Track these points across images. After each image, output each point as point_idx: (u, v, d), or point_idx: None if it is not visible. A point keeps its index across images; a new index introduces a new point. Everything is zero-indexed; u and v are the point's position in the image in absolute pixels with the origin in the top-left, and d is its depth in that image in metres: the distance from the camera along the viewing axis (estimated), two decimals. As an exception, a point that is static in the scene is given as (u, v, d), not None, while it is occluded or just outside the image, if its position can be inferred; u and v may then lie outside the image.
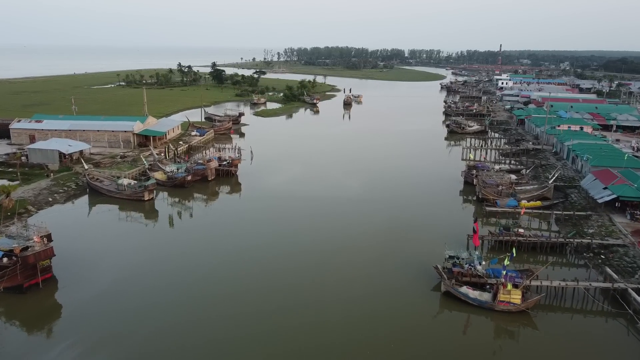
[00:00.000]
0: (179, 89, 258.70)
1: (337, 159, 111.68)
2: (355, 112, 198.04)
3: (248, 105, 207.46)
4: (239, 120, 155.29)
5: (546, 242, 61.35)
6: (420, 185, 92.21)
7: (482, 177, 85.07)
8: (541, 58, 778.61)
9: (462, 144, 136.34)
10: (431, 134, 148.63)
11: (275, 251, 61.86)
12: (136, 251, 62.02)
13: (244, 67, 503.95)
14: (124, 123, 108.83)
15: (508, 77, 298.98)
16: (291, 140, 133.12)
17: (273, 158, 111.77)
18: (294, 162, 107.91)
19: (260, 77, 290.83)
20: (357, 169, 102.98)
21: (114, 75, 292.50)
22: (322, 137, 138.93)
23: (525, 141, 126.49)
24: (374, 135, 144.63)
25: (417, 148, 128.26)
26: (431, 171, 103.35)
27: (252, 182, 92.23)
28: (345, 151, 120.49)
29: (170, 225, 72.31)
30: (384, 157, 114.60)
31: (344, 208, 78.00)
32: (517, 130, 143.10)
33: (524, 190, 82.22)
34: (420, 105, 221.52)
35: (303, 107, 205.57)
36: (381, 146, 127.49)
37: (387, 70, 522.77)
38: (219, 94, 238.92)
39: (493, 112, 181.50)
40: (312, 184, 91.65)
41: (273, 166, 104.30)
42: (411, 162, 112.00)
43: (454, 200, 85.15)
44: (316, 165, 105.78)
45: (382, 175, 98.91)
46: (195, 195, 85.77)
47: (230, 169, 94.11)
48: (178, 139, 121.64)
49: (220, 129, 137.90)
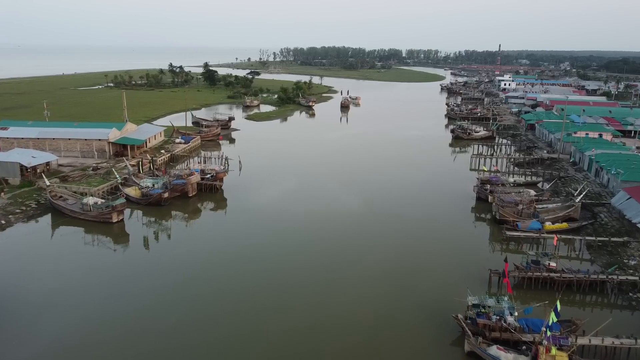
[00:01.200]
0: (169, 91, 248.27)
1: (335, 169, 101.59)
2: (353, 115, 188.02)
3: (241, 107, 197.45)
4: (229, 125, 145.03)
5: (584, 280, 51.35)
6: (427, 202, 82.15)
7: (499, 194, 75.05)
8: (540, 58, 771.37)
9: (469, 151, 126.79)
10: (435, 140, 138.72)
11: (263, 287, 51.89)
12: (100, 287, 51.99)
13: (239, 67, 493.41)
14: (98, 130, 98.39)
15: (511, 78, 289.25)
16: (285, 147, 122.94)
17: (264, 168, 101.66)
18: (287, 174, 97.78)
19: (254, 78, 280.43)
20: (356, 181, 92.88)
21: (104, 76, 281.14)
22: (318, 143, 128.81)
23: (538, 149, 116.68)
24: (373, 141, 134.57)
25: (421, 156, 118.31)
26: (438, 184, 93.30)
27: (239, 199, 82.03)
28: (343, 160, 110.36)
29: (142, 252, 62.29)
30: (386, 167, 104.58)
31: (342, 231, 67.94)
32: (527, 136, 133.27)
33: (547, 210, 72.35)
34: (421, 108, 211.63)
35: (298, 110, 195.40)
36: (382, 154, 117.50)
37: (385, 70, 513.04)
38: (211, 96, 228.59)
39: (498, 115, 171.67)
40: (307, 200, 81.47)
41: (264, 178, 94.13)
42: (415, 172, 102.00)
43: (466, 219, 75.11)
44: (311, 177, 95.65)
45: (384, 189, 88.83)
46: (173, 214, 75.57)
47: (214, 184, 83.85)
48: (160, 147, 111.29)
49: (208, 135, 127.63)
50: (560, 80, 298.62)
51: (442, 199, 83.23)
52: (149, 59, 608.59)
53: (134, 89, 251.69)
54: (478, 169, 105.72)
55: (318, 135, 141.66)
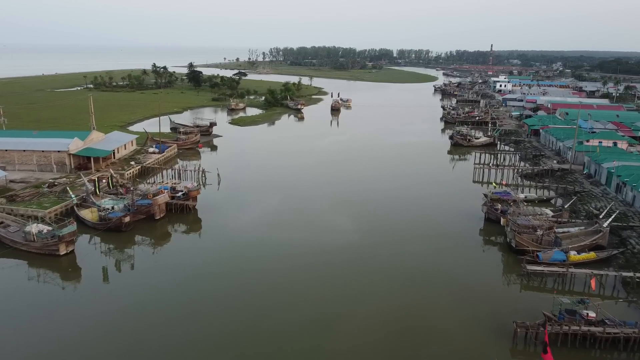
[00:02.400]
0: (151, 92, 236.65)
1: (325, 184, 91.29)
2: (344, 119, 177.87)
3: (226, 111, 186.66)
4: (210, 131, 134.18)
5: (632, 337, 41.48)
6: (428, 224, 72.04)
7: (512, 215, 65.15)
8: (531, 58, 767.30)
9: (469, 158, 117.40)
10: (432, 147, 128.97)
11: (240, 340, 41.54)
12: (41, 336, 41.57)
13: (227, 67, 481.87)
14: (57, 141, 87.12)
15: (506, 79, 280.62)
16: (270, 156, 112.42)
17: (246, 182, 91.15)
18: (271, 189, 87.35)
19: (241, 79, 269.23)
20: (349, 199, 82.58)
21: (83, 77, 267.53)
22: (307, 152, 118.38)
23: (545, 158, 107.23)
24: (366, 149, 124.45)
25: (418, 166, 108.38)
26: (439, 200, 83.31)
27: (215, 222, 71.39)
28: (333, 172, 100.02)
29: (96, 289, 51.95)
30: (381, 180, 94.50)
31: (334, 266, 57.54)
32: (532, 144, 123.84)
33: (569, 235, 62.60)
34: (415, 110, 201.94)
35: (286, 113, 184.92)
36: (376, 164, 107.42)
37: (376, 71, 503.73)
38: (194, 98, 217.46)
39: (498, 119, 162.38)
40: (294, 223, 71.02)
41: (245, 195, 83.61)
42: (414, 186, 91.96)
43: (475, 247, 65.10)
44: (299, 194, 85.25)
45: (380, 208, 78.66)
46: (137, 240, 65.04)
47: (187, 203, 73.17)
48: (131, 157, 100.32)
49: (186, 143, 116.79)
50: (557, 81, 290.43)
51: (446, 221, 73.18)
52: (137, 59, 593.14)
53: (114, 91, 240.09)
54: (482, 181, 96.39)
55: (307, 142, 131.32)
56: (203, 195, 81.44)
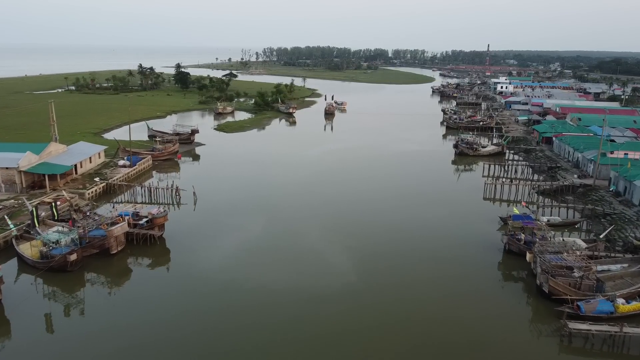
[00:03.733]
0: (135, 95, 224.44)
1: (316, 204, 79.89)
2: (338, 124, 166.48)
3: (213, 115, 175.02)
4: (192, 139, 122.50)
5: None
6: (438, 257, 60.74)
7: (540, 249, 54.00)
8: (527, 58, 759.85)
9: (475, 169, 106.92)
10: (435, 157, 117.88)
11: None
12: None
13: (219, 68, 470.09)
14: (5, 156, 75.10)
15: (507, 80, 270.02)
16: (256, 169, 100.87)
17: (227, 202, 79.64)
18: (254, 210, 75.93)
19: (231, 80, 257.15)
20: (344, 223, 71.25)
21: (71, 78, 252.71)
22: (297, 164, 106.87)
23: (562, 171, 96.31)
24: (363, 159, 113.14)
25: (422, 181, 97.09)
26: (448, 224, 72.10)
27: (184, 256, 59.65)
28: (326, 189, 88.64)
29: (30, 347, 40.41)
30: (379, 199, 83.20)
31: (326, 321, 46.27)
32: (544, 153, 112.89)
33: (611, 276, 51.59)
34: (414, 114, 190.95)
35: (277, 118, 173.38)
36: (374, 179, 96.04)
37: (372, 71, 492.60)
38: (181, 101, 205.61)
39: (503, 124, 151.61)
40: (278, 259, 59.42)
41: (224, 218, 72.08)
42: (416, 207, 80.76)
43: (496, 289, 53.82)
44: (286, 217, 73.77)
45: (380, 236, 67.24)
46: (86, 283, 53.53)
47: (150, 233, 61.59)
48: (96, 172, 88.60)
49: (163, 154, 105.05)
50: (559, 83, 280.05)
51: (458, 254, 61.86)
52: (128, 59, 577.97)
53: (96, 93, 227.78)
54: (494, 197, 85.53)
55: (297, 151, 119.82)
56: (176, 217, 70.50)
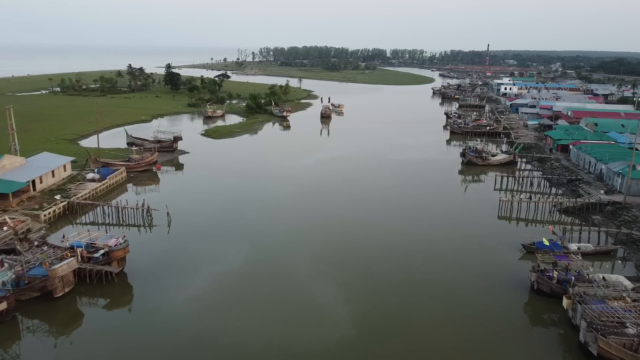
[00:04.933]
0: (122, 97, 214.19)
1: (307, 227, 69.67)
2: (335, 128, 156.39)
3: (202, 118, 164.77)
4: (175, 147, 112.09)
5: None
6: (449, 294, 50.79)
7: (582, 298, 43.83)
8: (527, 58, 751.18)
9: (485, 180, 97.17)
10: (440, 166, 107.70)
11: None
12: None
13: (214, 68, 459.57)
14: (-53, 172, 64.97)
15: (511, 81, 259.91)
16: (241, 183, 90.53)
17: (205, 224, 69.39)
18: (236, 235, 65.70)
19: (224, 81, 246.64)
20: (339, 252, 61.03)
21: (56, 79, 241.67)
22: (289, 175, 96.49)
23: (584, 184, 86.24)
24: (363, 170, 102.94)
25: (426, 196, 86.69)
26: (459, 254, 61.98)
27: (147, 300, 49.30)
28: (320, 208, 78.21)
29: None
30: (381, 221, 73.02)
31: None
32: (561, 163, 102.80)
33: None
34: (415, 117, 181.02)
35: (270, 122, 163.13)
36: (373, 194, 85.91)
37: (370, 71, 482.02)
38: (169, 104, 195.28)
39: (512, 129, 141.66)
40: (259, 302, 49.15)
41: (199, 245, 61.81)
42: (423, 230, 70.73)
43: (521, 341, 43.76)
44: (272, 244, 63.41)
45: (382, 270, 57.15)
46: (22, 336, 43.32)
47: (106, 270, 51.19)
48: (59, 188, 78.14)
49: (139, 165, 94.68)
50: (564, 84, 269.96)
51: (474, 290, 51.83)
52: (122, 60, 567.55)
53: (81, 95, 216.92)
54: (510, 216, 75.62)
55: (290, 160, 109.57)
56: (145, 243, 60.68)
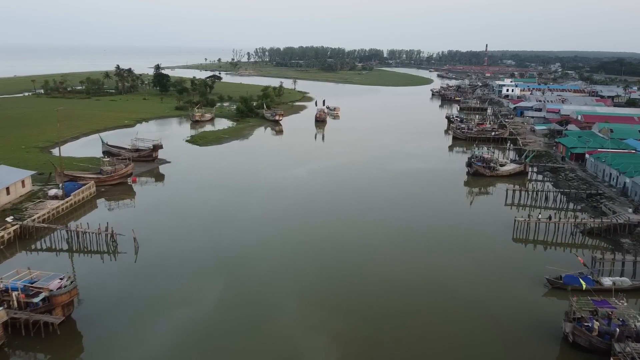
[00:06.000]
0: (108, 99, 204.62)
1: (293, 257, 60.46)
2: (330, 133, 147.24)
3: (190, 122, 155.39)
4: (154, 156, 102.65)
5: None
6: (461, 341, 41.77)
7: (633, 355, 34.89)
8: (525, 59, 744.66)
9: (493, 192, 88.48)
10: (444, 178, 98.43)
11: None
12: None
13: (207, 68, 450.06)
14: None
15: (513, 82, 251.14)
16: (224, 199, 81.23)
17: (177, 253, 59.98)
18: (210, 268, 56.42)
19: (215, 82, 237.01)
20: (329, 291, 51.80)
21: (41, 80, 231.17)
22: (277, 190, 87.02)
23: (606, 199, 77.25)
24: (359, 183, 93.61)
25: (431, 214, 77.62)
26: (473, 287, 53.01)
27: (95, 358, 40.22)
28: (309, 231, 68.84)
29: None
30: (380, 247, 63.97)
31: None
32: (576, 174, 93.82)
33: None
34: (415, 121, 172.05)
35: (262, 126, 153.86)
36: (371, 212, 76.75)
37: (367, 72, 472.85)
38: (156, 107, 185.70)
39: (519, 135, 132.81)
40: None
41: (167, 283, 52.52)
42: (430, 257, 61.66)
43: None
44: (250, 280, 54.19)
45: (381, 309, 48.04)
46: None
47: (46, 320, 41.80)
48: (14, 207, 68.64)
49: (112, 178, 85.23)
50: (568, 85, 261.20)
51: (493, 337, 42.83)
52: (116, 60, 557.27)
53: (65, 97, 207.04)
54: (526, 238, 66.76)
55: (280, 170, 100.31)
56: (105, 277, 51.74)
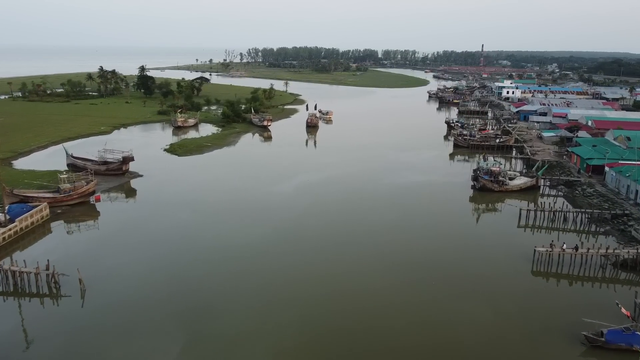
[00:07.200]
0: (88, 102, 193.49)
1: (275, 308, 50.25)
2: (322, 140, 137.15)
3: (172, 128, 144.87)
4: (125, 169, 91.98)
5: None
6: None
7: None
8: (520, 59, 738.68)
9: (502, 209, 78.82)
10: (447, 195, 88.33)
11: None
12: None
13: (198, 69, 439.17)
14: None
15: (513, 84, 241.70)
16: (193, 224, 70.84)
17: (132, 297, 49.74)
18: (170, 318, 46.13)
19: (203, 84, 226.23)
20: (315, 349, 41.76)
21: (19, 83, 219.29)
22: (259, 209, 76.48)
23: (635, 221, 67.47)
24: (351, 199, 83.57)
25: (435, 240, 67.53)
26: (490, 342, 43.09)
27: None
28: (294, 267, 58.76)
29: None
30: (377, 284, 53.94)
31: None
32: (595, 189, 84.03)
33: None
34: (412, 126, 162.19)
35: (249, 132, 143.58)
36: (366, 237, 66.67)
37: (361, 73, 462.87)
38: (138, 111, 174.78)
39: (524, 141, 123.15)
40: None
41: (110, 344, 42.20)
42: (438, 299, 51.67)
43: None
44: (218, 334, 44.04)
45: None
46: None
47: None
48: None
49: (71, 197, 74.55)
50: (570, 87, 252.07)
51: None
52: (107, 60, 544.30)
53: (43, 101, 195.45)
54: (548, 271, 57.02)
55: (264, 185, 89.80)
56: (37, 331, 40.99)
